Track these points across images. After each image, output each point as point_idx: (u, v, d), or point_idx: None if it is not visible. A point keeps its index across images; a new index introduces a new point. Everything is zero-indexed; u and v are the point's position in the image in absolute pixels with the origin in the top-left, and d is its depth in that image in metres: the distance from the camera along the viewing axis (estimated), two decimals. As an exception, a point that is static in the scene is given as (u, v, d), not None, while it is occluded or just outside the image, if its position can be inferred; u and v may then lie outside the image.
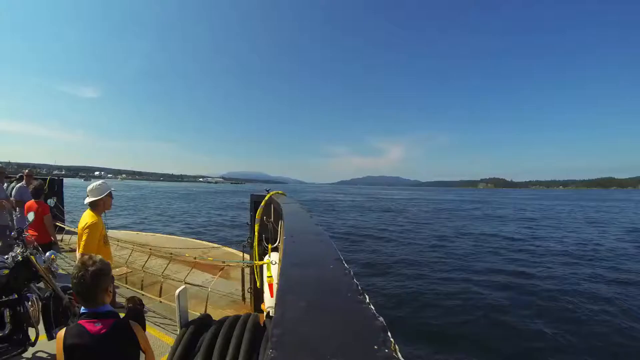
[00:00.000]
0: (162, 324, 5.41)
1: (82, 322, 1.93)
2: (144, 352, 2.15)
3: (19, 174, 10.22)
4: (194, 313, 3.90)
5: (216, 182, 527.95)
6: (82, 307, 2.00)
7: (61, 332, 1.91)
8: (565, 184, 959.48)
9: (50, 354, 4.05)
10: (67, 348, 1.84)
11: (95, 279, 1.96)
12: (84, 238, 3.93)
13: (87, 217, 4.09)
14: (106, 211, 4.41)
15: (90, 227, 3.97)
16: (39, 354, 4.02)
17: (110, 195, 4.32)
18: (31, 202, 6.22)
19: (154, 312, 5.94)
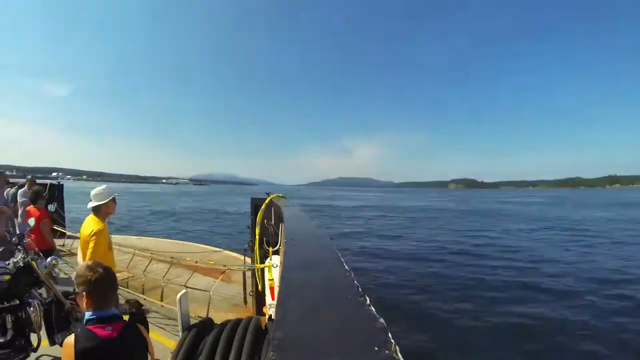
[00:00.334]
0: (164, 328, 5.40)
1: (90, 327, 1.90)
2: (150, 354, 2.14)
3: (22, 181, 10.20)
4: (196, 317, 3.90)
5: (177, 183, 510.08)
6: (88, 313, 1.98)
7: (70, 339, 1.86)
8: (535, 184, 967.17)
9: (52, 359, 4.05)
10: (79, 354, 1.80)
11: (113, 278, 2.04)
12: (91, 245, 3.88)
13: (92, 223, 4.01)
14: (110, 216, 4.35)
15: (97, 234, 3.91)
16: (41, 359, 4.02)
17: (113, 200, 4.28)
18: (30, 208, 6.18)
19: (156, 312, 5.95)
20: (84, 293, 1.96)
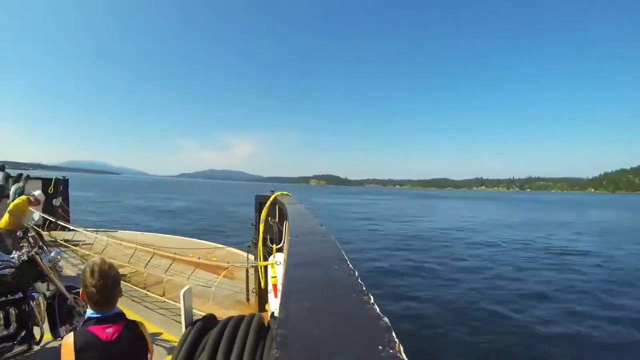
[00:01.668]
0: (167, 323, 5.42)
1: (91, 328, 1.86)
2: (150, 352, 2.11)
3: (20, 174, 10.28)
4: (199, 313, 3.91)
5: None
6: (90, 311, 1.93)
7: (69, 338, 1.83)
8: (402, 183, 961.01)
9: (55, 352, 4.07)
10: (78, 355, 1.77)
11: (116, 283, 1.95)
12: None
13: None
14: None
15: None
16: (43, 353, 4.05)
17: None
18: None
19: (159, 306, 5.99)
20: (85, 292, 1.92)
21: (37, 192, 6.46)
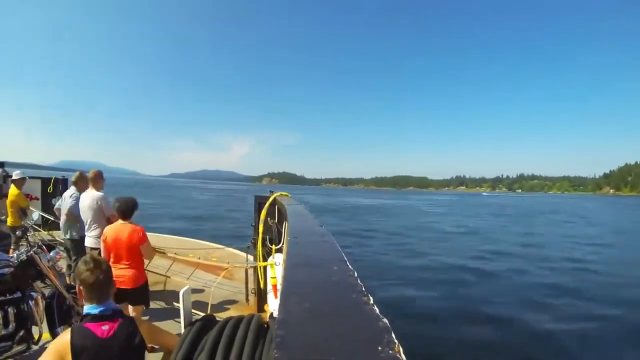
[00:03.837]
0: (166, 324, 5.41)
1: (88, 325, 1.90)
2: (149, 350, 2.14)
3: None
4: (198, 313, 3.90)
5: None
6: (86, 308, 1.98)
7: (66, 335, 1.87)
8: (366, 182, 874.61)
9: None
10: (75, 352, 1.81)
11: (108, 270, 2.04)
12: None
13: None
14: None
15: None
16: (42, 352, 4.04)
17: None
18: None
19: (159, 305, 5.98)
20: (80, 281, 1.98)
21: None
